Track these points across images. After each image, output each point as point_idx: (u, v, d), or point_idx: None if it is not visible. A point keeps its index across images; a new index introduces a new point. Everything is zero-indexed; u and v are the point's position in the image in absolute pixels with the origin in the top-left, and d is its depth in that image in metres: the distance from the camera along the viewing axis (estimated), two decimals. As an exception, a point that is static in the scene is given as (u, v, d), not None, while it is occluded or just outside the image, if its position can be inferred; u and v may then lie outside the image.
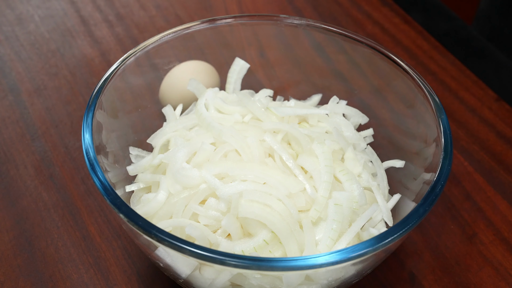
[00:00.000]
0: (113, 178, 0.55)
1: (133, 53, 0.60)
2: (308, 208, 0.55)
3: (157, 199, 0.55)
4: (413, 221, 0.47)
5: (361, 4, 0.94)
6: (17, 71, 0.82)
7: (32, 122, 0.75)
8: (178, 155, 0.56)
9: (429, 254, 0.63)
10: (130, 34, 0.87)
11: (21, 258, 0.62)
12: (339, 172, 0.57)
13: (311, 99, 0.69)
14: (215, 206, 0.54)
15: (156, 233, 0.45)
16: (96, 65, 0.83)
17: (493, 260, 0.63)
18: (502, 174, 0.71)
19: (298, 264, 0.44)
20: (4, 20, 0.89)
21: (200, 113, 0.60)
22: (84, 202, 0.67)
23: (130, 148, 0.62)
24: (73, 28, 0.88)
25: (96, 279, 0.61)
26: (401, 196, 0.59)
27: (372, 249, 0.45)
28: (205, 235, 0.52)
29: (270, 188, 0.53)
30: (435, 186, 0.50)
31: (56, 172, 0.70)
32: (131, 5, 0.92)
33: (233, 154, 0.57)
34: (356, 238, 0.54)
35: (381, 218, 0.58)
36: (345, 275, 0.51)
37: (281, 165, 0.56)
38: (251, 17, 0.63)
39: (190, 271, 0.50)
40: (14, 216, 0.66)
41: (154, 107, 0.66)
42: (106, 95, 0.57)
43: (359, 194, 0.55)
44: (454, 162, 0.72)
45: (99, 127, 0.55)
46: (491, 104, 0.79)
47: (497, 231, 0.66)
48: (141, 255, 0.62)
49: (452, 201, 0.68)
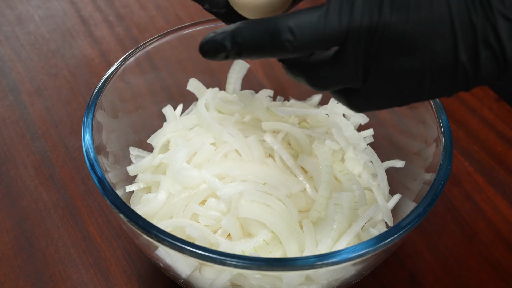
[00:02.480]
0: (113, 178, 0.55)
1: (133, 53, 0.60)
2: (308, 208, 0.55)
3: (157, 199, 0.55)
4: (413, 221, 0.47)
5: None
6: (17, 71, 0.81)
7: (32, 122, 0.75)
8: (178, 155, 0.56)
9: (429, 254, 0.63)
10: (130, 34, 0.87)
11: (21, 258, 0.62)
12: (339, 172, 0.57)
13: (311, 99, 0.69)
14: (215, 206, 0.54)
15: (156, 233, 0.45)
16: (96, 65, 0.83)
17: (493, 260, 0.63)
18: (502, 174, 0.71)
19: (298, 264, 0.44)
20: (4, 20, 0.89)
21: (200, 113, 0.60)
22: (84, 202, 0.67)
23: (130, 148, 0.62)
24: (73, 28, 0.88)
25: (96, 279, 0.61)
26: (401, 196, 0.59)
27: (372, 249, 0.45)
28: (205, 235, 0.52)
29: (270, 188, 0.53)
30: (435, 186, 0.50)
31: (56, 172, 0.70)
32: (131, 5, 0.92)
33: (233, 154, 0.57)
34: (356, 238, 0.54)
35: (381, 218, 0.58)
36: (345, 275, 0.51)
37: (281, 165, 0.56)
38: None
39: (190, 271, 0.50)
40: (14, 216, 0.66)
41: (154, 107, 0.66)
42: (106, 95, 0.57)
43: (359, 194, 0.55)
44: (454, 162, 0.72)
45: (99, 127, 0.55)
46: (491, 104, 0.79)
47: (497, 231, 0.66)
48: (141, 255, 0.62)
49: (452, 201, 0.68)
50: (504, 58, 0.35)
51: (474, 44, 0.34)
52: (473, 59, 0.35)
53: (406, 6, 0.34)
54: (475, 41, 0.34)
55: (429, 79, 0.35)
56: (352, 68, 0.36)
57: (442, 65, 0.35)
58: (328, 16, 0.36)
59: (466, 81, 0.35)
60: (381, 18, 0.35)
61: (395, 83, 0.36)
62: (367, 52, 0.36)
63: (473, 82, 0.35)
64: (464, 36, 0.34)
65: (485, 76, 0.35)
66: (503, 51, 0.34)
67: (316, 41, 0.36)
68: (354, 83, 0.37)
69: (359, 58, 0.36)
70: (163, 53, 0.64)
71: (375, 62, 0.36)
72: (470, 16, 0.34)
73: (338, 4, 0.36)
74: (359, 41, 0.35)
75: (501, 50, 0.34)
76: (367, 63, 0.36)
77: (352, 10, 0.35)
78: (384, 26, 0.35)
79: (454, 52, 0.34)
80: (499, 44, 0.34)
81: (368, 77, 0.36)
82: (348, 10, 0.35)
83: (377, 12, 0.35)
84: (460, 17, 0.34)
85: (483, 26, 0.34)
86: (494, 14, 0.34)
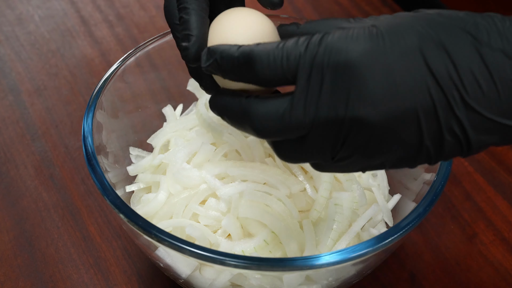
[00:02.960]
0: (113, 178, 0.55)
1: (133, 53, 0.60)
2: (308, 208, 0.55)
3: (157, 200, 0.55)
4: (413, 221, 0.47)
5: (361, 4, 0.94)
6: (17, 71, 0.81)
7: (32, 122, 0.75)
8: (178, 156, 0.56)
9: (429, 254, 0.63)
10: (130, 34, 0.87)
11: (21, 258, 0.62)
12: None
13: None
14: (215, 206, 0.54)
15: (156, 233, 0.45)
16: (96, 65, 0.83)
17: (493, 260, 0.63)
18: (502, 174, 0.71)
19: (298, 264, 0.44)
20: (4, 20, 0.89)
21: (201, 114, 0.60)
22: (84, 202, 0.67)
23: (130, 148, 0.62)
24: (73, 28, 0.88)
25: (96, 280, 0.61)
26: (401, 196, 0.59)
27: (372, 249, 0.45)
28: (205, 235, 0.52)
29: (270, 188, 0.53)
30: (435, 186, 0.50)
31: (56, 172, 0.70)
32: (131, 5, 0.92)
33: (233, 154, 0.57)
34: (356, 238, 0.54)
35: (381, 218, 0.58)
36: (345, 275, 0.51)
37: (281, 165, 0.56)
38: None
39: (190, 271, 0.50)
40: (14, 216, 0.66)
41: (154, 107, 0.66)
42: (106, 95, 0.57)
43: (359, 194, 0.55)
44: (454, 162, 0.72)
45: (99, 127, 0.55)
46: (491, 104, 0.79)
47: (497, 231, 0.66)
48: (141, 255, 0.62)
49: (452, 201, 0.68)
50: (467, 143, 0.35)
51: (439, 131, 0.35)
52: (437, 143, 0.35)
53: (372, 99, 0.35)
54: (440, 130, 0.35)
55: (395, 160, 0.37)
56: (318, 153, 0.38)
57: (408, 149, 0.36)
58: (293, 109, 0.36)
59: (429, 160, 0.37)
60: (348, 112, 0.35)
61: (361, 163, 0.37)
62: (334, 143, 0.36)
63: (435, 160, 0.37)
64: (428, 126, 0.35)
65: (448, 156, 0.36)
66: (467, 138, 0.35)
67: (281, 132, 0.37)
68: (323, 161, 0.38)
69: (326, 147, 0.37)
70: (163, 53, 0.64)
71: (341, 150, 0.37)
72: (435, 107, 0.34)
73: (303, 96, 0.36)
74: (324, 133, 0.36)
75: (465, 138, 0.35)
76: (333, 151, 0.37)
77: (317, 103, 0.36)
78: (351, 119, 0.35)
79: (419, 138, 0.35)
80: (464, 134, 0.35)
81: (336, 158, 0.37)
82: (314, 102, 0.36)
83: (344, 105, 0.35)
84: (424, 109, 0.34)
85: (447, 117, 0.34)
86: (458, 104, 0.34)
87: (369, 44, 0.35)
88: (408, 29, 0.35)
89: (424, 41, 0.34)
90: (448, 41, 0.34)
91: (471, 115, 0.34)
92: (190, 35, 0.43)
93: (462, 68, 0.34)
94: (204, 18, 0.44)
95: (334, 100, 0.35)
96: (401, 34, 0.35)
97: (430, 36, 0.34)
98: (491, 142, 0.36)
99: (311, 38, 0.36)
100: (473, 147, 0.36)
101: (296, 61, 0.36)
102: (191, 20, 0.43)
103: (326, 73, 0.35)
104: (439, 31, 0.35)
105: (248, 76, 0.38)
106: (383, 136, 0.35)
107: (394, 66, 0.34)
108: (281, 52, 0.36)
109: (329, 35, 0.36)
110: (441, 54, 0.34)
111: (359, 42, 0.35)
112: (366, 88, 0.34)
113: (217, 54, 0.38)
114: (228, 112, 0.40)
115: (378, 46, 0.35)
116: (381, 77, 0.34)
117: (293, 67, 0.36)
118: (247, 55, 0.37)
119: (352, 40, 0.35)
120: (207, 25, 0.44)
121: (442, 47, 0.34)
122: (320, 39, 0.36)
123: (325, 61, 0.35)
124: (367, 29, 0.36)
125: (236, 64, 0.38)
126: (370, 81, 0.34)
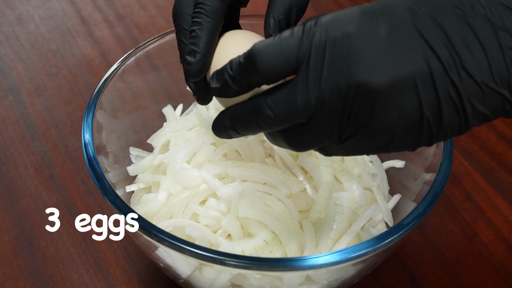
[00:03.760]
0: (113, 178, 0.55)
1: (133, 53, 0.60)
2: (308, 208, 0.55)
3: (157, 200, 0.55)
4: (413, 221, 0.47)
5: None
6: (17, 71, 0.82)
7: (32, 122, 0.75)
8: (178, 156, 0.56)
9: (429, 254, 0.63)
10: (130, 34, 0.87)
11: (21, 258, 0.62)
12: (339, 173, 0.57)
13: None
14: (215, 206, 0.54)
15: (156, 233, 0.45)
16: (96, 65, 0.83)
17: (493, 261, 0.63)
18: (502, 174, 0.71)
19: (298, 265, 0.44)
20: (4, 20, 0.89)
21: (201, 114, 0.60)
22: (84, 202, 0.67)
23: (130, 148, 0.62)
24: (73, 28, 0.88)
25: (96, 280, 0.61)
26: (401, 196, 0.59)
27: (372, 249, 0.45)
28: (205, 235, 0.52)
29: (270, 188, 0.53)
30: (435, 186, 0.50)
31: (56, 172, 0.70)
32: (131, 5, 0.92)
33: (233, 154, 0.57)
34: (356, 238, 0.54)
35: (381, 218, 0.58)
36: (345, 275, 0.51)
37: (281, 165, 0.56)
38: (251, 17, 0.63)
39: (190, 272, 0.50)
40: (14, 216, 0.66)
41: (154, 107, 0.66)
42: (106, 95, 0.57)
43: (359, 194, 0.55)
44: (454, 162, 0.72)
45: (99, 127, 0.55)
46: (491, 104, 0.79)
47: (497, 231, 0.66)
48: (141, 255, 0.62)
49: (452, 201, 0.68)
50: (464, 111, 0.36)
51: (437, 100, 0.36)
52: (436, 113, 0.36)
53: (372, 65, 0.36)
54: (437, 97, 0.36)
55: (398, 134, 0.37)
56: (326, 133, 0.38)
57: (409, 121, 0.36)
58: (298, 88, 0.37)
59: (430, 136, 0.37)
60: (350, 79, 0.36)
61: (369, 140, 0.38)
62: (340, 118, 0.37)
63: (436, 136, 0.37)
64: (426, 93, 0.36)
65: (447, 130, 0.37)
66: (463, 106, 0.36)
67: (290, 115, 0.38)
68: (330, 143, 0.39)
69: (333, 125, 0.38)
70: (163, 53, 0.64)
71: (347, 128, 0.37)
72: (431, 74, 0.35)
73: (306, 74, 0.37)
74: (330, 108, 0.37)
75: (461, 105, 0.36)
76: (340, 129, 0.38)
77: (320, 78, 0.37)
78: (355, 86, 0.36)
79: (418, 107, 0.36)
80: (459, 100, 0.36)
81: (343, 137, 0.38)
82: (317, 78, 0.37)
83: (345, 74, 0.36)
84: (421, 76, 0.35)
85: (443, 83, 0.36)
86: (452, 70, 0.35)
87: (363, 18, 0.36)
88: (399, 5, 0.37)
89: (416, 15, 0.36)
90: (438, 14, 0.36)
91: (465, 80, 0.36)
92: (198, 52, 0.44)
93: (454, 36, 0.36)
94: (214, 39, 0.45)
95: (336, 72, 0.36)
96: (393, 10, 0.37)
97: (421, 11, 0.36)
98: (485, 112, 0.37)
99: (305, 23, 0.38)
100: (468, 117, 0.36)
101: (295, 45, 0.37)
102: (202, 39, 0.44)
103: (325, 50, 0.36)
104: (428, 6, 0.36)
105: (253, 75, 0.38)
106: (384, 105, 0.36)
107: (390, 37, 0.36)
108: (279, 41, 0.38)
109: (323, 16, 0.38)
110: (433, 24, 0.36)
111: (353, 17, 0.37)
112: (365, 54, 0.36)
113: (224, 72, 0.40)
114: (237, 117, 0.41)
115: (372, 20, 0.36)
116: (378, 45, 0.36)
117: (293, 52, 0.37)
118: (248, 55, 0.38)
119: (346, 16, 0.37)
120: (215, 45, 0.45)
121: (433, 19, 0.36)
122: (315, 21, 0.37)
123: (322, 38, 0.37)
124: (359, 7, 0.37)
125: (242, 68, 0.39)
126: (368, 48, 0.36)
